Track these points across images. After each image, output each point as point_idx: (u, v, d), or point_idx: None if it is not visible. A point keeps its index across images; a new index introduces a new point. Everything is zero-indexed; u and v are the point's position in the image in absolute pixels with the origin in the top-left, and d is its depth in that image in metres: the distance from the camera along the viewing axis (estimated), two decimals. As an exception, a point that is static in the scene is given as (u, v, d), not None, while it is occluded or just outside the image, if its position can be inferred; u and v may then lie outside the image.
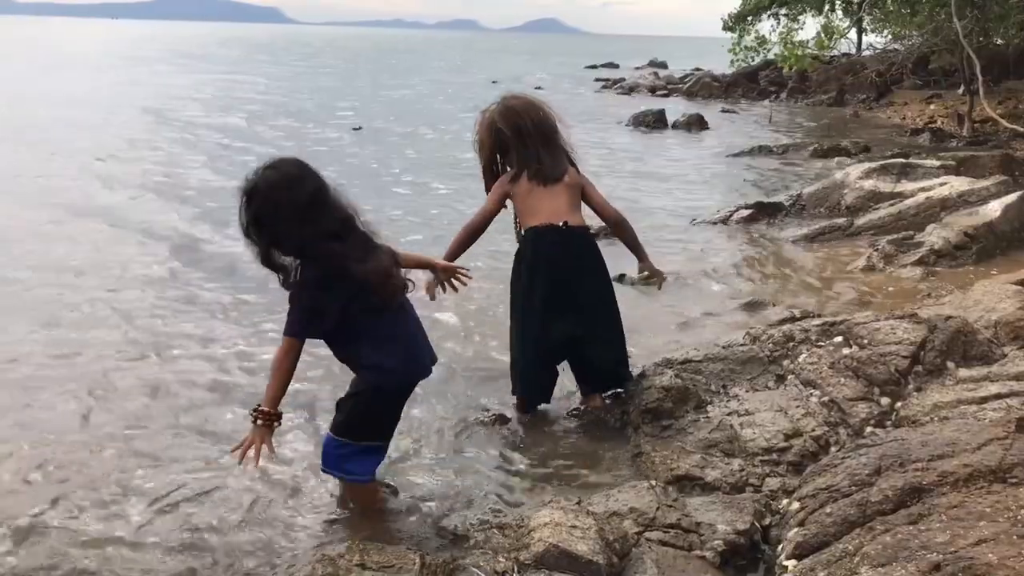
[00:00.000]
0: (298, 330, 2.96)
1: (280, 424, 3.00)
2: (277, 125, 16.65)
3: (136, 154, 12.44)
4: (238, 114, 18.21)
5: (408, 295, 3.24)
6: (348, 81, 31.13)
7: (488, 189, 4.11)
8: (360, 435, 3.17)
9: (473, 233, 4.09)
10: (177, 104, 19.84)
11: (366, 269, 2.95)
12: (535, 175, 3.94)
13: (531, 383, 4.11)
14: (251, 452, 2.88)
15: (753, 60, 21.15)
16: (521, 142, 3.95)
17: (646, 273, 4.29)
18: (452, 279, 3.71)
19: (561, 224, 3.91)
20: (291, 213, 2.86)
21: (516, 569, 2.67)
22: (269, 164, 2.96)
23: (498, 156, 4.08)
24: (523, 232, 4.04)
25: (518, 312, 4.09)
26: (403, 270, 3.21)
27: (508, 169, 4.06)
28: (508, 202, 4.08)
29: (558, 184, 3.96)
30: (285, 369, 2.96)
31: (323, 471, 3.32)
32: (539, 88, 28.18)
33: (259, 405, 2.94)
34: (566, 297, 3.96)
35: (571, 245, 3.96)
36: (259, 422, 2.91)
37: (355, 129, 15.85)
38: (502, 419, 4.07)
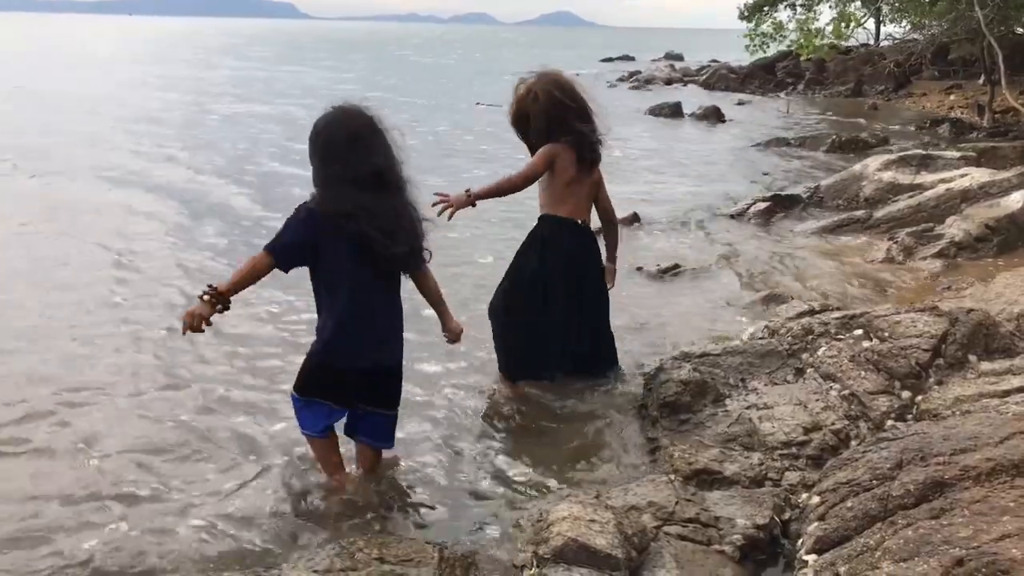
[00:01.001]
0: (276, 247, 3.01)
1: (225, 309, 3.00)
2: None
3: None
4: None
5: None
6: (400, 75, 31.55)
7: (535, 149, 4.05)
8: (303, 390, 3.25)
9: (515, 186, 3.97)
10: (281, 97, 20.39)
11: (354, 227, 2.95)
12: (584, 154, 3.99)
13: (540, 366, 4.18)
14: (191, 322, 2.96)
15: (769, 47, 21.01)
16: (580, 115, 3.97)
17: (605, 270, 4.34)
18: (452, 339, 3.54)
19: (580, 222, 4.09)
20: (326, 151, 3.04)
21: (535, 563, 2.67)
22: (335, 104, 3.13)
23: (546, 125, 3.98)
24: (544, 215, 4.10)
25: (533, 298, 4.08)
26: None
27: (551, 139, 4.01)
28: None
29: (592, 173, 4.07)
30: (248, 271, 3.01)
31: None
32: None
33: (214, 285, 3.00)
34: (578, 288, 4.11)
35: (584, 241, 4.13)
36: (205, 298, 2.96)
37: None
38: (521, 412, 4.08)
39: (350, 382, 3.19)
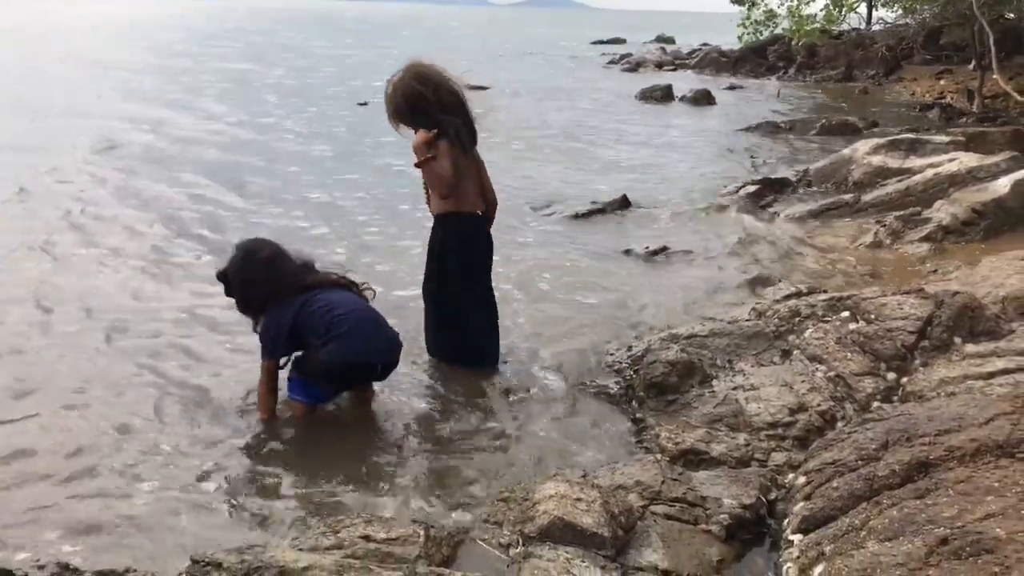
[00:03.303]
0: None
1: None
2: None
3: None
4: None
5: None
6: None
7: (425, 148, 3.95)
8: None
9: (446, 191, 4.07)
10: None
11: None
12: (458, 140, 3.99)
13: (468, 353, 4.30)
14: None
15: (762, 34, 20.97)
16: (444, 106, 3.95)
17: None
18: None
19: (480, 213, 4.21)
20: (248, 278, 3.74)
21: (521, 542, 2.67)
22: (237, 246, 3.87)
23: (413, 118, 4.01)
24: (447, 214, 4.11)
25: (451, 293, 4.18)
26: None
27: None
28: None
29: (470, 159, 4.09)
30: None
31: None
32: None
33: None
34: (480, 277, 4.23)
35: (484, 230, 4.24)
36: None
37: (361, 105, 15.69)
38: (506, 393, 4.08)
39: None
